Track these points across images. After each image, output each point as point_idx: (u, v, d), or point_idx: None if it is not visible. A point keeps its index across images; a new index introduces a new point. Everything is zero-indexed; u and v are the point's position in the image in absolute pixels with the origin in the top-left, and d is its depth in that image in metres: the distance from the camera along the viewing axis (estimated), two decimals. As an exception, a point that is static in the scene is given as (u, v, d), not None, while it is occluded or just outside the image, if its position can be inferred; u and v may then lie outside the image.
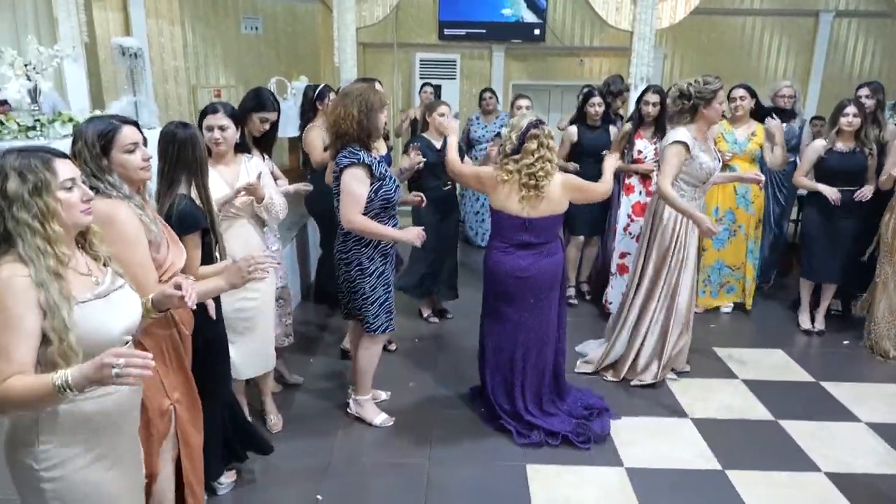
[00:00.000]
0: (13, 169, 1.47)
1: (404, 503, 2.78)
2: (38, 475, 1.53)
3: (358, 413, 3.34)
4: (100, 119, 2.01)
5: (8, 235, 1.48)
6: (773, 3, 8.19)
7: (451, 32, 8.27)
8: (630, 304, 3.80)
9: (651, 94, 4.43)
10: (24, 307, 1.43)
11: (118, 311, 1.61)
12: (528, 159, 2.98)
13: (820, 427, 3.38)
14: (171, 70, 7.62)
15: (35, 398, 1.41)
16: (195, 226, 2.29)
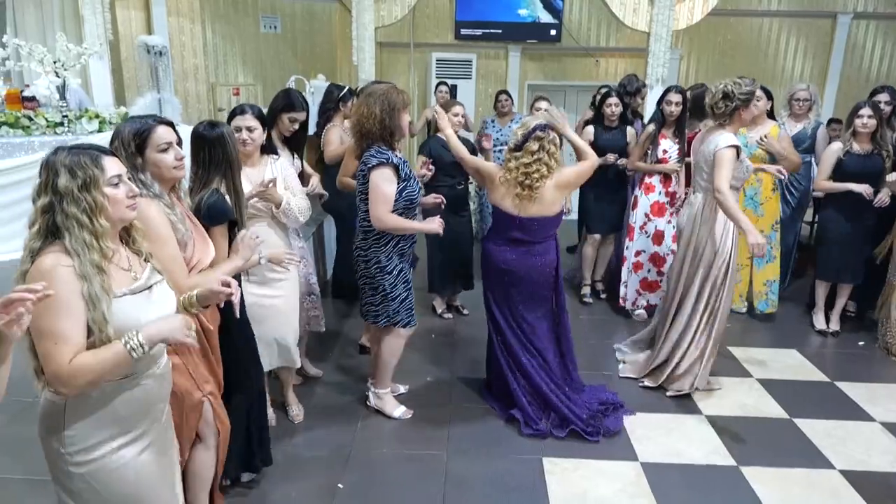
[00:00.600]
0: (64, 165, 1.54)
1: (423, 494, 2.83)
2: (65, 458, 1.60)
3: (377, 406, 3.40)
4: (137, 119, 2.07)
5: (56, 229, 1.54)
6: (790, 5, 8.19)
7: (467, 32, 8.34)
8: (676, 312, 3.70)
9: (674, 93, 4.45)
10: (71, 293, 1.50)
11: (152, 307, 1.66)
12: (527, 158, 3.05)
13: (835, 426, 3.40)
14: (191, 68, 7.75)
15: (109, 365, 1.52)
16: (223, 217, 2.34)
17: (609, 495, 2.84)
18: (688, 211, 3.67)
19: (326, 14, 8.63)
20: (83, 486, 1.62)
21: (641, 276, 4.70)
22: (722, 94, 3.43)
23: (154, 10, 6.96)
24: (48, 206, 1.54)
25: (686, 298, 3.65)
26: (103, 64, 5.72)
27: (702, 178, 3.57)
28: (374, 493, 2.84)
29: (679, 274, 3.69)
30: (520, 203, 3.12)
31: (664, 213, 4.60)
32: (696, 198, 3.64)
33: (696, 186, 3.64)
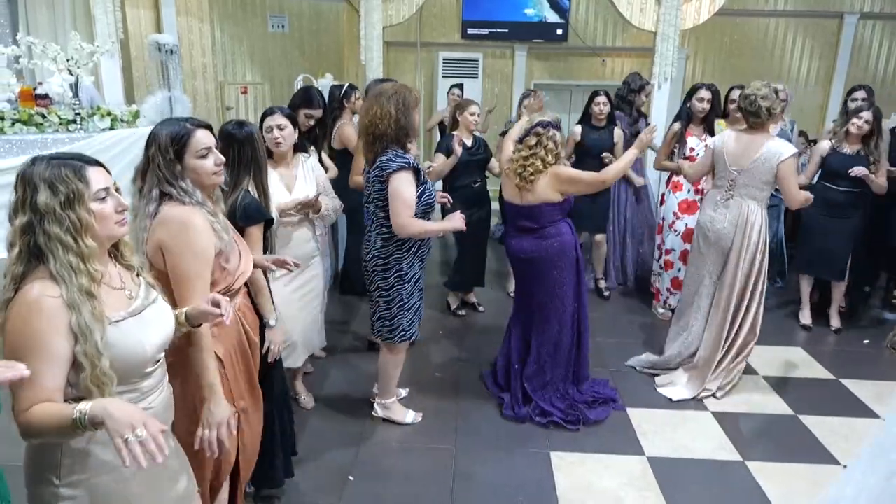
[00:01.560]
0: (43, 180, 1.37)
1: (433, 487, 2.87)
2: (57, 492, 1.43)
3: (385, 416, 3.32)
4: (174, 122, 1.96)
5: (39, 251, 1.38)
6: (796, 5, 8.20)
7: (474, 32, 8.37)
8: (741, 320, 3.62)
9: (704, 90, 4.48)
10: (54, 331, 1.35)
11: (152, 328, 1.53)
12: (525, 152, 3.16)
13: (840, 423, 3.43)
14: (199, 67, 7.80)
15: (54, 430, 1.33)
16: (260, 217, 2.36)
17: (615, 489, 2.87)
18: (727, 215, 3.53)
19: (334, 13, 8.67)
20: None
21: (673, 275, 4.70)
22: (774, 95, 3.38)
23: (163, 10, 7.01)
24: (27, 225, 1.37)
25: (751, 303, 3.58)
26: (114, 62, 5.77)
27: (754, 185, 3.47)
28: (384, 485, 2.88)
29: (734, 282, 3.55)
30: (519, 192, 3.23)
31: (694, 211, 4.59)
32: (737, 204, 3.51)
33: (740, 193, 3.50)
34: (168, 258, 1.84)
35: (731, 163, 3.52)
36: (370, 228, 3.02)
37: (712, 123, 4.56)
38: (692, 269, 3.80)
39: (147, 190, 1.88)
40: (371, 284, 3.06)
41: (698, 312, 3.72)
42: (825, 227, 4.38)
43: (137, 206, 1.90)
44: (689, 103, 4.54)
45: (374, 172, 2.91)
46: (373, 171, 2.92)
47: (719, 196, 3.60)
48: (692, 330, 3.75)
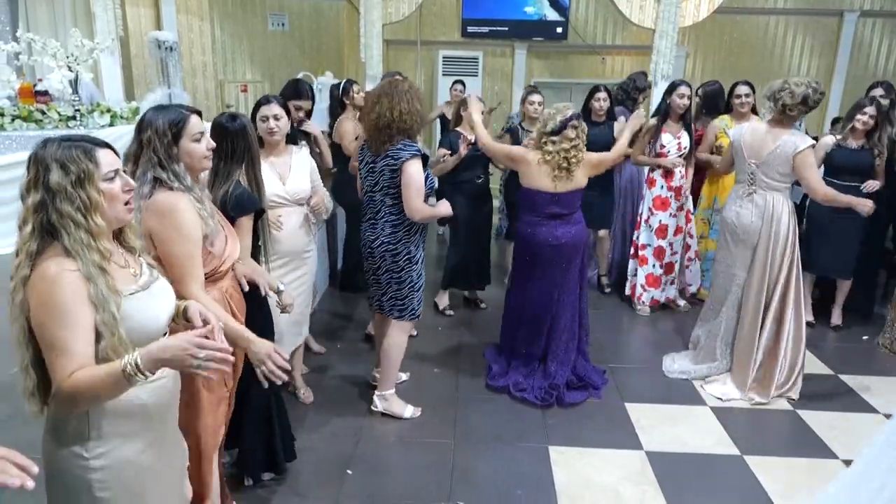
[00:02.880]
0: (55, 160, 1.42)
1: (431, 481, 2.87)
2: (86, 464, 1.48)
3: (385, 409, 3.33)
4: (169, 108, 2.01)
5: (52, 228, 1.43)
6: (796, 3, 8.20)
7: (474, 30, 8.37)
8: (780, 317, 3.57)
9: (684, 87, 4.48)
10: (78, 300, 1.40)
11: (160, 301, 1.60)
12: (566, 144, 3.33)
13: (838, 417, 3.43)
14: (199, 65, 7.82)
15: (105, 388, 1.38)
16: (252, 207, 2.38)
17: (614, 483, 2.87)
18: (753, 209, 3.51)
19: (334, 12, 8.68)
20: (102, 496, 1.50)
21: (647, 272, 4.73)
22: (801, 99, 3.33)
23: (164, 8, 7.03)
24: (40, 203, 1.42)
25: (787, 300, 3.53)
26: (114, 60, 5.78)
27: (772, 178, 3.45)
28: (382, 480, 2.88)
29: (763, 275, 3.52)
30: (558, 182, 3.39)
31: (667, 208, 4.61)
32: (762, 196, 3.49)
33: (762, 185, 3.49)
34: (158, 244, 1.89)
35: (748, 155, 3.52)
36: (376, 216, 3.11)
37: (690, 121, 4.57)
38: (721, 268, 3.74)
39: (141, 173, 1.92)
40: (379, 269, 3.15)
41: (731, 310, 3.67)
42: (831, 225, 4.34)
43: None
44: (668, 99, 4.52)
45: (383, 162, 3.01)
46: (382, 161, 3.02)
47: (742, 190, 3.57)
48: (727, 328, 3.70)
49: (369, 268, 3.21)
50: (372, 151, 3.07)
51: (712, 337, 3.79)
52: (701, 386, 3.69)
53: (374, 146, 3.04)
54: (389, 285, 3.15)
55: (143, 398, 1.53)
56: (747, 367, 3.60)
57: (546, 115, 3.41)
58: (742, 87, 4.68)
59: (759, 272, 3.54)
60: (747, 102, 4.65)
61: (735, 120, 4.71)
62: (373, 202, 3.12)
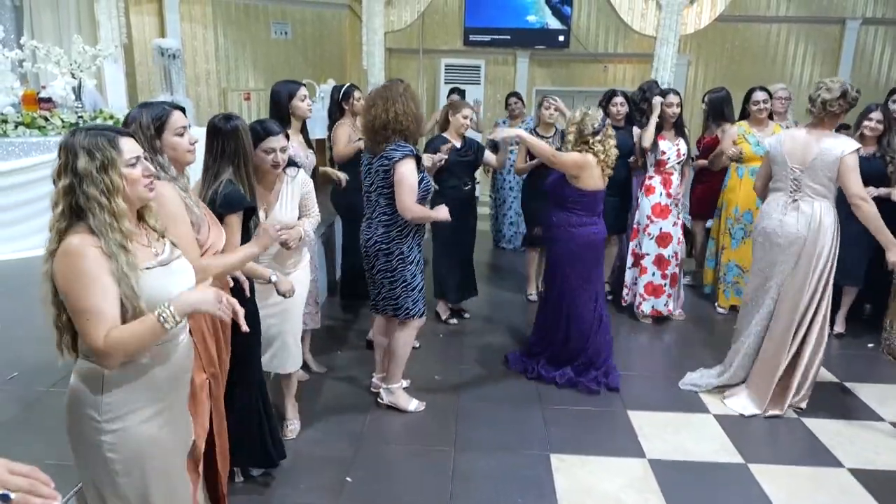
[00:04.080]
0: (82, 147, 1.57)
1: (431, 488, 2.85)
2: (98, 426, 1.62)
3: (391, 402, 3.40)
4: (151, 105, 2.11)
5: (80, 210, 1.57)
6: (798, 11, 8.21)
7: (476, 38, 8.41)
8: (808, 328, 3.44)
9: (673, 95, 4.51)
10: (102, 270, 1.54)
11: (178, 278, 1.73)
12: (612, 140, 3.55)
13: (843, 425, 3.40)
14: (202, 73, 7.85)
15: (141, 338, 1.56)
16: (240, 205, 2.38)
17: (616, 491, 2.84)
18: (799, 217, 3.36)
19: (336, 20, 8.72)
20: (110, 456, 1.64)
21: (647, 280, 4.70)
22: (841, 93, 3.25)
23: (168, 16, 7.08)
24: (69, 187, 1.57)
25: (818, 311, 3.42)
26: (117, 67, 5.81)
27: (820, 183, 3.32)
28: (382, 487, 2.86)
29: (803, 286, 3.38)
30: (605, 179, 3.60)
31: (668, 215, 4.59)
32: (808, 204, 3.35)
33: (808, 192, 3.35)
34: None
35: (791, 162, 3.37)
36: (371, 216, 3.20)
37: (682, 127, 4.57)
38: (757, 281, 3.57)
39: None
40: (373, 268, 3.23)
41: (760, 323, 3.55)
42: (842, 231, 4.29)
43: None
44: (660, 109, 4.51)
45: (378, 162, 3.09)
46: (377, 162, 3.10)
47: (784, 199, 3.41)
48: (753, 341, 3.59)
49: (366, 267, 3.29)
50: (369, 153, 3.16)
51: (734, 348, 3.68)
52: (722, 401, 3.57)
53: (371, 147, 3.14)
54: (382, 285, 3.23)
55: (154, 371, 1.68)
56: (770, 381, 3.47)
57: (574, 120, 3.53)
58: (759, 93, 4.67)
59: (799, 285, 3.38)
60: (765, 108, 4.64)
61: (753, 126, 4.70)
62: (370, 202, 3.20)
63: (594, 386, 3.69)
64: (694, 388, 3.73)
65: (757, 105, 4.64)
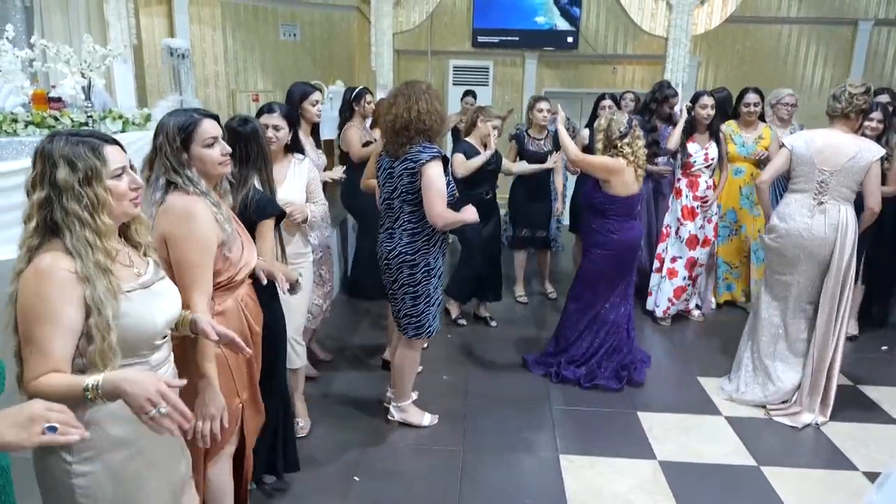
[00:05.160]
0: (62, 156, 1.38)
1: (439, 488, 2.82)
2: (68, 468, 1.43)
3: (402, 419, 3.26)
4: (181, 112, 1.98)
5: (55, 226, 1.40)
6: (809, 12, 8.14)
7: (484, 40, 8.38)
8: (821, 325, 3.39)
9: (706, 97, 4.48)
10: (65, 300, 1.36)
11: (161, 302, 1.55)
12: (640, 141, 3.53)
13: (856, 428, 3.35)
14: (211, 74, 7.87)
15: (65, 400, 1.28)
16: (273, 211, 2.36)
17: (626, 493, 2.81)
18: (826, 220, 3.30)
19: (345, 22, 8.72)
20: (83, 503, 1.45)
21: (676, 284, 4.65)
22: (865, 89, 3.25)
23: (177, 18, 7.09)
24: (45, 200, 1.39)
25: (842, 314, 3.38)
26: (127, 68, 5.82)
27: (847, 186, 3.29)
28: (390, 486, 2.84)
29: (836, 290, 3.33)
30: (638, 181, 3.57)
31: (696, 217, 4.56)
32: (834, 207, 3.30)
33: (834, 195, 3.30)
34: (171, 248, 1.84)
35: (820, 163, 3.30)
36: (393, 225, 2.96)
37: (717, 130, 4.53)
38: (777, 290, 3.50)
39: (154, 178, 1.90)
40: (395, 283, 2.98)
41: (786, 326, 3.49)
42: None
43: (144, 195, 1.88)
44: (692, 111, 4.50)
45: (401, 166, 2.86)
46: (400, 165, 2.87)
47: (808, 201, 3.34)
48: (781, 347, 3.51)
49: (386, 281, 3.05)
50: (390, 156, 2.93)
51: (766, 357, 3.56)
52: (767, 414, 3.47)
53: (393, 150, 2.90)
54: (404, 301, 2.99)
55: None
56: (818, 389, 3.40)
57: (601, 127, 3.56)
58: (751, 94, 4.65)
59: (832, 288, 3.33)
60: (755, 111, 4.63)
61: (742, 127, 4.69)
62: (391, 210, 2.95)
63: (615, 385, 3.68)
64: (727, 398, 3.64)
65: (748, 107, 4.63)
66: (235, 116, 2.53)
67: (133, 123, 4.98)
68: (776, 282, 3.51)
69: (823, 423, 3.37)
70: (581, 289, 3.77)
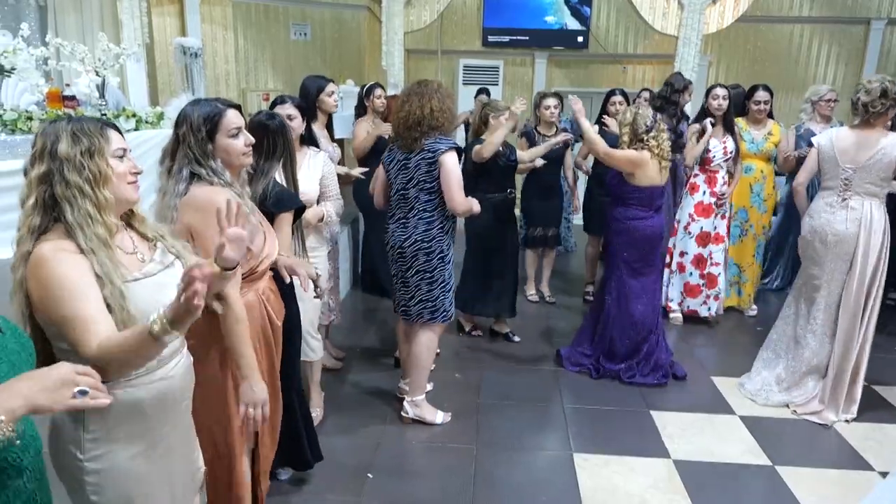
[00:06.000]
0: (65, 131, 1.40)
1: (452, 486, 2.82)
2: (80, 465, 1.44)
3: (416, 415, 3.26)
4: (205, 102, 1.95)
5: (55, 203, 1.38)
6: (822, 11, 8.10)
7: (494, 39, 8.38)
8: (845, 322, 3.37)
9: (718, 88, 4.45)
10: (82, 273, 1.36)
11: (168, 291, 1.46)
12: (665, 134, 3.58)
13: (872, 428, 3.32)
14: (222, 74, 7.90)
15: (135, 350, 1.32)
16: (292, 204, 2.36)
17: (641, 491, 2.80)
18: (849, 215, 3.30)
19: (355, 21, 8.73)
20: (94, 499, 1.46)
21: (685, 279, 4.64)
22: (880, 92, 3.20)
23: (188, 17, 7.13)
24: (45, 175, 1.38)
25: (869, 311, 3.35)
26: (140, 67, 5.85)
27: (872, 182, 3.28)
28: (403, 484, 2.84)
29: (861, 287, 3.31)
30: (662, 174, 3.61)
31: (710, 214, 4.53)
32: (858, 202, 3.29)
33: (858, 191, 3.30)
34: (197, 238, 1.84)
35: (843, 161, 3.31)
36: (407, 214, 3.04)
37: (732, 124, 4.51)
38: (800, 283, 3.54)
39: (177, 169, 1.89)
40: (409, 270, 3.06)
41: (814, 325, 3.46)
42: None
43: (166, 186, 1.90)
44: (706, 103, 4.47)
45: (419, 156, 2.97)
46: (417, 156, 2.97)
47: (833, 197, 3.37)
48: (808, 346, 3.48)
49: (397, 271, 3.12)
50: (403, 149, 3.02)
51: (797, 361, 3.53)
52: (793, 412, 3.46)
53: (406, 144, 3.01)
54: (419, 287, 3.05)
55: (139, 396, 1.46)
56: (843, 385, 3.39)
57: (626, 121, 3.59)
58: (761, 92, 4.62)
59: (857, 284, 3.31)
60: (765, 108, 4.60)
61: (750, 124, 4.66)
62: (405, 200, 3.03)
63: (653, 380, 3.73)
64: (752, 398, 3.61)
65: (758, 104, 4.60)
66: (261, 111, 2.55)
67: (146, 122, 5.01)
68: (806, 282, 3.52)
69: (851, 420, 3.36)
70: (606, 278, 3.85)
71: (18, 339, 1.11)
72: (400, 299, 3.17)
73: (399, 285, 3.14)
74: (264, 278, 2.08)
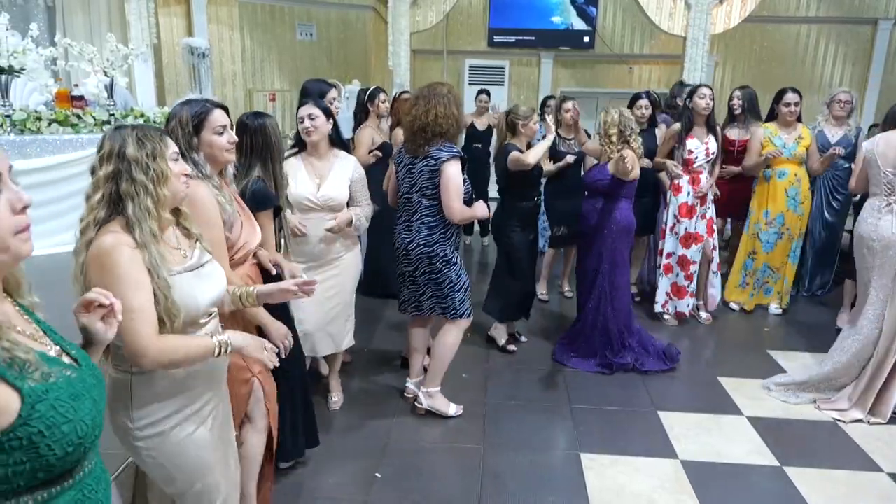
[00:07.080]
0: (131, 136, 1.57)
1: (460, 485, 2.82)
2: (133, 433, 1.64)
3: (430, 406, 3.30)
4: (194, 101, 2.11)
5: (119, 199, 1.55)
6: (829, 11, 8.08)
7: (500, 39, 8.40)
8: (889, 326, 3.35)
9: (704, 88, 4.41)
10: (140, 269, 1.52)
11: (206, 284, 1.69)
12: (636, 138, 3.81)
13: (881, 429, 3.31)
14: (229, 74, 7.94)
15: (193, 355, 1.58)
16: (268, 202, 2.42)
17: (649, 492, 2.80)
18: (893, 220, 3.30)
19: (361, 22, 8.76)
20: (148, 461, 1.68)
21: (671, 280, 4.64)
22: None
23: (195, 18, 7.17)
24: (113, 173, 1.55)
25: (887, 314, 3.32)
26: (147, 67, 5.89)
27: None
28: (411, 483, 2.84)
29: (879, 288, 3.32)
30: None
31: (693, 215, 4.52)
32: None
33: None
34: None
35: (884, 165, 3.34)
36: (411, 218, 3.11)
37: (715, 125, 4.48)
38: (861, 288, 3.55)
39: None
40: (416, 271, 3.15)
41: (860, 332, 3.45)
42: None
43: None
44: (690, 103, 4.41)
45: (422, 163, 3.03)
46: (421, 162, 3.03)
47: (879, 202, 3.37)
48: (852, 350, 3.48)
49: (404, 271, 3.19)
50: (410, 153, 3.09)
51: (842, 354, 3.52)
52: (817, 407, 3.46)
53: (412, 148, 3.06)
54: (428, 286, 3.16)
55: (178, 374, 1.64)
56: (874, 390, 3.38)
57: (614, 121, 3.76)
58: (791, 94, 4.56)
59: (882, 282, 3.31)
60: (795, 111, 4.54)
61: (781, 128, 4.61)
62: (409, 204, 3.11)
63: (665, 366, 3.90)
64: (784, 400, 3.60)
65: (788, 107, 4.54)
66: (249, 111, 2.64)
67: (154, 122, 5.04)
68: (860, 288, 3.53)
69: (875, 423, 3.34)
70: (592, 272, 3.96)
71: (93, 372, 1.20)
72: (410, 296, 3.23)
73: (408, 283, 3.21)
74: (245, 265, 2.19)
